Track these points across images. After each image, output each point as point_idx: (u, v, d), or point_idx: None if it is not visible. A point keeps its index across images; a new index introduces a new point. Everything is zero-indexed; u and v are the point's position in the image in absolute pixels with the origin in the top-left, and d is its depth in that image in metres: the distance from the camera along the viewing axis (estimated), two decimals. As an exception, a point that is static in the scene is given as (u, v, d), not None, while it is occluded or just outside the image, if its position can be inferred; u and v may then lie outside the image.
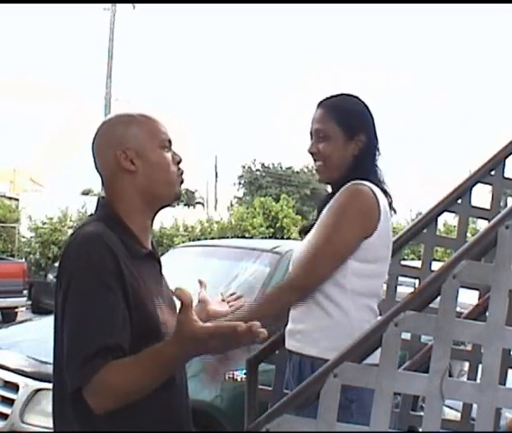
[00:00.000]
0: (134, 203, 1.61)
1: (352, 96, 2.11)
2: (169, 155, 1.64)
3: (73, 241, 1.50)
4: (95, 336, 1.38)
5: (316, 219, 2.10)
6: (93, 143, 1.64)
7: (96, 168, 1.65)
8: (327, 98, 2.10)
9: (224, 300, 2.05)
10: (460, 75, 73.67)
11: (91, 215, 1.65)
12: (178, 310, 1.34)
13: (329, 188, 2.18)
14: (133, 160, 1.59)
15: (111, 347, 1.38)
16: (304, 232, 2.16)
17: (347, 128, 2.04)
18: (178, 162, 1.67)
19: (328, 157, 2.05)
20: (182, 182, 1.68)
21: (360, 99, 2.11)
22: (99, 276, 1.43)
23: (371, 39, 74.27)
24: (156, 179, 1.62)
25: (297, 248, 2.14)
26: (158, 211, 1.68)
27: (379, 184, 2.05)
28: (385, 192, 2.06)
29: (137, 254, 1.55)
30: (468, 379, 2.57)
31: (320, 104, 2.09)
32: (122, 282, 1.45)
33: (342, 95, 2.11)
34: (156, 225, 17.42)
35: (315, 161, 2.10)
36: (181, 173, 1.67)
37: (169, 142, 1.66)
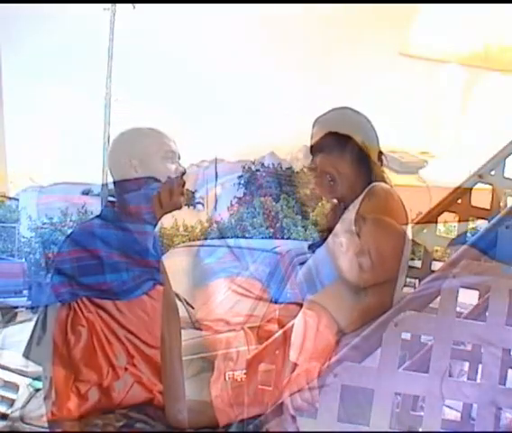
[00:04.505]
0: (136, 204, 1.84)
1: (342, 108, 2.04)
2: (170, 166, 1.83)
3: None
4: None
5: (328, 233, 1.96)
6: (109, 149, 1.92)
7: (110, 171, 1.90)
8: (320, 116, 2.01)
9: None
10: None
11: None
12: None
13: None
14: (136, 167, 1.82)
15: None
16: (314, 247, 2.01)
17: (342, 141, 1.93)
18: (182, 174, 1.86)
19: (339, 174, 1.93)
20: (183, 194, 1.87)
21: (351, 109, 2.01)
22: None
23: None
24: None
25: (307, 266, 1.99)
26: (161, 216, 1.92)
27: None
28: None
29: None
30: (468, 379, 2.56)
31: (315, 122, 2.01)
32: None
33: (332, 110, 2.02)
34: (156, 225, 17.39)
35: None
36: (183, 184, 1.87)
37: (173, 153, 1.86)
